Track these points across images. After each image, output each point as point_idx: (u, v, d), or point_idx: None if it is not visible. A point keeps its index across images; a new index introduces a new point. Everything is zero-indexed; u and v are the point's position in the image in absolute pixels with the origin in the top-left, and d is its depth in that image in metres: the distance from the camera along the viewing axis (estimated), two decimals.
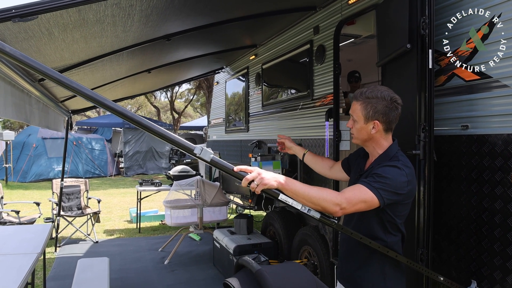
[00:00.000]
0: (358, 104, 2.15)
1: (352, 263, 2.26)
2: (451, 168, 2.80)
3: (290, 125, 5.13)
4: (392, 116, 2.14)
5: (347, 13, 3.98)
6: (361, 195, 1.97)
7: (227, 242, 5.55)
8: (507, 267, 2.41)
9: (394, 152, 2.16)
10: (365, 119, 2.14)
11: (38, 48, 2.71)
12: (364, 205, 1.99)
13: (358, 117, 2.16)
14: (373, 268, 2.17)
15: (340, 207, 1.93)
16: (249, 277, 1.73)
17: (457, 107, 2.77)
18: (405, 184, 2.03)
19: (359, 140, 2.24)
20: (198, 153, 1.85)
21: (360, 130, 2.18)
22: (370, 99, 2.12)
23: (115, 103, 1.78)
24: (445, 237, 2.86)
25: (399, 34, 2.86)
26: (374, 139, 2.18)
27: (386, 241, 2.13)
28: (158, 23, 3.19)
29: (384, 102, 2.11)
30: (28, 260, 3.56)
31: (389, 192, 1.98)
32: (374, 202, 1.98)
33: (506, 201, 2.42)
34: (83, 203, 7.98)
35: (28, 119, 3.99)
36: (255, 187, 1.90)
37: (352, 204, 1.96)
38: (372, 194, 1.97)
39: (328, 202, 1.93)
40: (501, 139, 2.46)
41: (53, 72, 1.68)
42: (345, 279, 2.30)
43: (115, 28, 2.86)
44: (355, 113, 2.17)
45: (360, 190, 1.99)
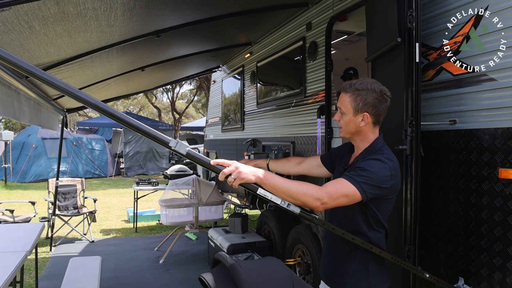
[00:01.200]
0: (347, 96, 2.10)
1: (334, 260, 2.21)
2: (440, 164, 2.76)
3: (283, 123, 5.09)
4: (382, 108, 2.09)
5: (339, 8, 3.94)
6: (343, 189, 1.93)
7: (221, 241, 5.52)
8: (493, 264, 2.36)
9: (379, 146, 2.11)
10: (354, 111, 2.09)
11: (20, 43, 2.68)
12: (346, 200, 1.94)
13: (347, 109, 2.11)
14: (355, 264, 2.13)
15: (321, 202, 1.89)
16: (224, 272, 1.70)
17: (445, 101, 2.73)
18: (388, 178, 1.98)
19: (347, 133, 2.18)
20: (174, 146, 1.81)
21: (349, 123, 2.13)
22: (360, 91, 2.07)
23: (91, 96, 1.74)
24: (434, 234, 2.81)
25: (388, 28, 2.82)
26: (362, 132, 2.13)
27: (369, 238, 2.09)
28: (144, 17, 3.16)
29: (374, 94, 2.07)
30: (15, 258, 3.53)
31: (371, 186, 1.94)
32: (356, 196, 1.93)
33: (493, 196, 2.37)
34: (79, 203, 7.96)
35: (17, 116, 3.96)
36: (233, 181, 1.86)
37: (333, 198, 1.92)
38: (354, 188, 1.92)
39: (308, 197, 1.88)
40: (488, 134, 2.42)
41: (26, 64, 1.64)
42: (327, 277, 2.25)
43: (98, 23, 2.83)
44: (344, 105, 2.12)
45: (341, 184, 1.94)
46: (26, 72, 1.63)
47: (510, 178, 2.28)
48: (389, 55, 2.90)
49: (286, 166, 2.68)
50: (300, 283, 1.65)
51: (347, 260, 2.14)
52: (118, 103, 39.20)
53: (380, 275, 2.14)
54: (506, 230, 2.30)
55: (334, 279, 2.21)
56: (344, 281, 2.14)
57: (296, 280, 1.64)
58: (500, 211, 2.33)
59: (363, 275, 2.11)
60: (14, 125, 35.17)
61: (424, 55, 2.86)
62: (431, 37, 2.82)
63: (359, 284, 2.11)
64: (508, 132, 2.30)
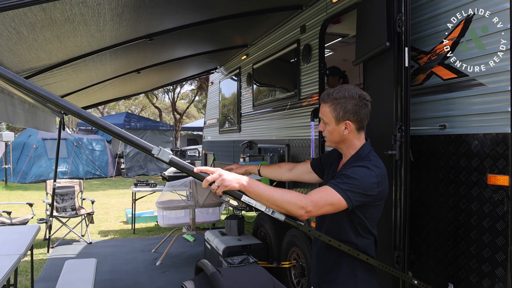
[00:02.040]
0: (327, 106, 2.09)
1: (322, 267, 2.20)
2: (430, 169, 2.75)
3: (279, 125, 5.08)
4: (363, 114, 2.07)
5: (332, 11, 3.93)
6: (328, 198, 1.91)
7: (217, 243, 5.51)
8: (482, 270, 2.35)
9: (366, 152, 2.09)
10: (336, 121, 2.07)
11: (9, 48, 2.68)
12: (331, 208, 1.93)
13: (328, 120, 2.09)
14: (344, 271, 2.11)
15: (306, 210, 1.88)
16: (205, 280, 1.69)
17: (435, 106, 2.71)
18: (375, 186, 1.96)
19: (332, 143, 2.17)
20: (156, 154, 1.81)
21: (332, 133, 2.11)
22: (339, 100, 2.05)
23: (73, 104, 1.74)
24: (425, 240, 2.80)
25: (378, 32, 2.81)
26: (347, 140, 2.11)
27: (357, 244, 2.07)
28: (134, 22, 3.15)
29: (353, 101, 2.04)
30: (9, 262, 3.53)
31: (357, 194, 1.92)
32: (342, 204, 1.91)
33: (482, 202, 2.36)
34: (77, 204, 7.96)
35: (11, 120, 3.97)
36: (216, 188, 1.86)
37: (319, 207, 1.90)
38: (339, 196, 1.90)
39: (293, 205, 1.87)
40: (477, 139, 2.40)
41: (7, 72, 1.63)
42: (316, 283, 2.24)
43: (87, 28, 2.83)
44: (325, 115, 2.10)
45: (326, 193, 1.92)
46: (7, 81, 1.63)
47: (498, 184, 2.26)
48: (378, 59, 2.89)
49: (277, 172, 2.66)
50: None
51: (335, 267, 2.13)
52: (120, 103, 39.29)
53: (369, 282, 2.12)
54: (494, 237, 2.28)
55: (322, 286, 2.19)
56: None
57: (277, 285, 1.63)
58: (489, 217, 2.32)
59: (351, 282, 2.10)
60: (16, 127, 35.23)
61: (414, 59, 2.85)
62: (422, 41, 2.80)
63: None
64: (496, 137, 2.28)
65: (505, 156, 2.22)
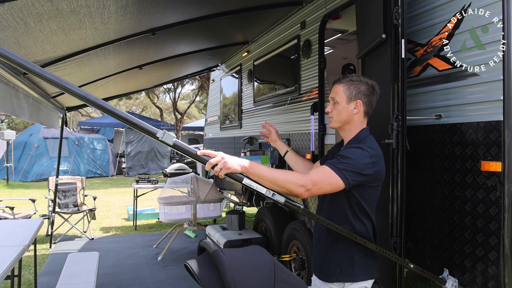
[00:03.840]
0: (341, 86, 2.21)
1: (321, 249, 2.26)
2: (426, 158, 2.82)
3: (279, 120, 5.15)
4: (372, 99, 2.21)
5: (332, 7, 4.00)
6: (325, 177, 2.00)
7: (218, 237, 5.58)
8: (476, 255, 2.41)
9: (363, 136, 2.19)
10: (348, 99, 2.18)
11: (16, 40, 2.75)
12: (330, 187, 2.01)
13: (340, 98, 2.20)
14: (340, 254, 2.17)
15: (306, 189, 1.96)
16: (208, 259, 1.75)
17: (431, 97, 2.78)
18: (370, 165, 2.04)
19: (339, 122, 2.24)
20: (161, 137, 1.87)
21: (341, 111, 2.20)
22: (353, 81, 2.19)
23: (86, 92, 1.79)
24: (421, 227, 2.86)
25: (375, 25, 2.88)
26: (353, 121, 2.21)
27: (355, 228, 2.14)
28: (138, 15, 3.22)
29: (367, 86, 2.19)
30: (13, 252, 3.58)
31: (352, 173, 2.01)
32: (339, 183, 2.00)
33: (476, 189, 2.43)
34: (79, 200, 8.02)
35: (16, 113, 4.04)
36: (219, 171, 1.93)
37: (318, 186, 1.99)
38: (336, 176, 1.99)
39: (293, 184, 1.95)
40: (471, 128, 2.47)
41: (27, 62, 1.69)
42: (315, 267, 2.30)
43: (92, 20, 2.90)
44: (338, 94, 2.21)
45: (324, 172, 2.01)
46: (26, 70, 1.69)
47: (491, 171, 2.33)
48: (377, 51, 2.96)
49: (300, 165, 2.62)
50: (281, 268, 1.70)
51: (332, 249, 2.19)
52: (121, 103, 39.37)
53: (366, 266, 2.17)
54: (487, 222, 2.35)
55: (321, 269, 2.26)
56: (329, 270, 2.19)
57: (277, 265, 1.69)
58: (483, 203, 2.39)
59: (348, 265, 2.16)
60: (17, 125, 35.34)
61: (411, 51, 2.92)
62: (419, 33, 2.87)
63: (344, 273, 2.15)
64: (489, 125, 2.35)
65: (498, 143, 2.29)
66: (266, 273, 1.67)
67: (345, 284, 2.14)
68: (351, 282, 2.14)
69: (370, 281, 2.19)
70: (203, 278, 1.64)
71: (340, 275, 2.16)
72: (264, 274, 1.66)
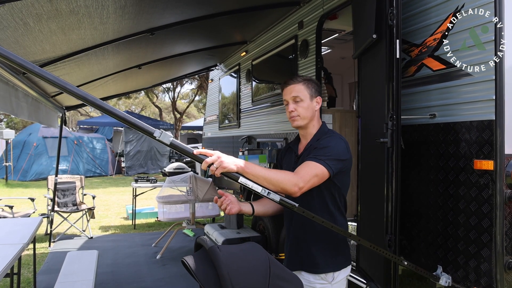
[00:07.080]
0: (301, 85, 2.29)
1: (303, 243, 2.30)
2: (420, 157, 2.85)
3: (277, 119, 5.19)
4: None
5: (329, 7, 4.04)
6: (312, 170, 2.08)
7: (216, 236, 5.61)
8: (469, 252, 2.45)
9: (327, 129, 2.33)
10: (310, 97, 2.29)
11: (16, 39, 2.78)
12: (317, 179, 2.10)
13: (304, 96, 2.27)
14: (326, 246, 2.23)
15: (299, 187, 2.03)
16: (204, 255, 1.78)
17: (426, 96, 2.82)
18: (346, 150, 2.18)
19: (306, 119, 2.30)
20: (158, 136, 1.90)
21: (307, 108, 2.28)
22: (308, 80, 2.31)
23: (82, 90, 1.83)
24: (415, 225, 2.90)
25: (369, 25, 2.91)
26: (315, 117, 2.33)
27: (335, 218, 2.22)
28: (136, 15, 3.26)
29: (317, 84, 2.35)
30: (12, 251, 3.61)
31: (334, 160, 2.11)
32: (325, 173, 2.09)
33: (469, 187, 2.46)
34: (78, 199, 8.05)
35: (15, 112, 4.07)
36: (215, 169, 1.96)
37: (307, 181, 2.06)
38: (321, 166, 2.08)
39: (287, 183, 2.01)
40: (464, 127, 2.51)
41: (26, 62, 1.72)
42: (299, 263, 2.30)
43: (91, 20, 2.93)
44: (301, 92, 2.27)
45: (309, 166, 2.10)
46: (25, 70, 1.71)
47: (484, 169, 2.37)
48: (372, 51, 3.00)
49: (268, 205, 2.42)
50: (276, 264, 1.73)
51: (317, 243, 2.25)
52: (120, 103, 39.37)
53: (345, 254, 2.28)
54: (480, 219, 2.39)
55: (305, 260, 2.28)
56: (316, 262, 2.23)
57: (272, 261, 1.73)
58: (475, 200, 2.43)
59: (332, 255, 2.23)
60: (16, 125, 35.33)
61: (406, 51, 2.95)
62: (413, 34, 2.91)
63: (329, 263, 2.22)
64: (482, 124, 2.39)
65: (490, 142, 2.33)
66: (262, 268, 1.70)
67: (334, 274, 2.21)
68: (338, 271, 2.23)
69: (349, 267, 2.30)
70: (199, 273, 1.67)
71: (326, 264, 2.22)
72: (259, 269, 1.69)
